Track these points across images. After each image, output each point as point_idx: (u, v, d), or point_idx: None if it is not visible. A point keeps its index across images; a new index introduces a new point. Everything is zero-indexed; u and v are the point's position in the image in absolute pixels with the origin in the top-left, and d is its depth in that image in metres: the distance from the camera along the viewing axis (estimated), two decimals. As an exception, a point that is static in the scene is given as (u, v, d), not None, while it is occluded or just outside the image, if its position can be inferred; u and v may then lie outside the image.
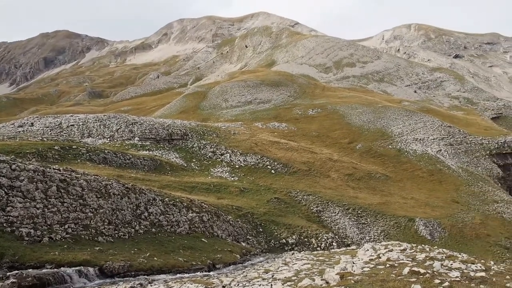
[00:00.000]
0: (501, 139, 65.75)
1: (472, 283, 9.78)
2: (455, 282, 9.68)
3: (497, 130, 74.99)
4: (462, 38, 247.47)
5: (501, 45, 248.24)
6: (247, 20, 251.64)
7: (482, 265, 12.57)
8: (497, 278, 10.55)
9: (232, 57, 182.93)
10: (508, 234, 40.34)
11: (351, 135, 63.36)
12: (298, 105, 78.73)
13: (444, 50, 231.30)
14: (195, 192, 32.65)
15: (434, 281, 9.68)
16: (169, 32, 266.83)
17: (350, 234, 34.71)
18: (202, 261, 19.25)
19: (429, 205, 43.09)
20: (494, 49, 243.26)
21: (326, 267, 14.55)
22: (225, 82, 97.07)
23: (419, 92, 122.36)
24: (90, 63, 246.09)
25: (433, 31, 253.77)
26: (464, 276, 10.52)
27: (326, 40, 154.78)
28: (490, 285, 9.70)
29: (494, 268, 12.35)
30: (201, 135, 48.30)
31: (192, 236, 22.98)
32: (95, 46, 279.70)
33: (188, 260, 18.70)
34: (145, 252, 17.97)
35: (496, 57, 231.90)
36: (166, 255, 18.55)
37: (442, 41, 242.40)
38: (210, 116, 77.53)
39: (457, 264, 12.26)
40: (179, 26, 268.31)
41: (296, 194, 37.90)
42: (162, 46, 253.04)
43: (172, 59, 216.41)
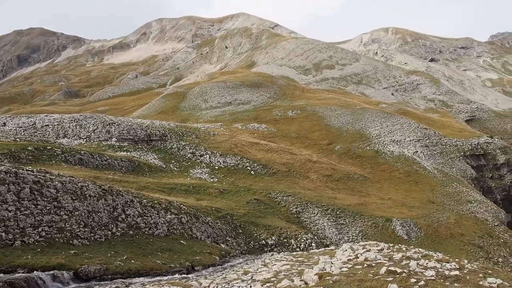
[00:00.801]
0: (475, 141, 67.76)
1: (446, 282, 9.98)
2: (430, 281, 9.87)
3: (471, 132, 77.23)
4: (437, 42, 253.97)
5: (475, 49, 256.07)
6: (227, 21, 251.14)
7: (456, 263, 12.87)
8: (471, 276, 10.82)
9: (212, 57, 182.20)
10: (481, 233, 41.58)
11: (330, 137, 64.03)
12: (278, 107, 79.05)
13: (420, 53, 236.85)
14: (174, 193, 32.29)
15: (410, 280, 9.84)
16: (148, 31, 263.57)
17: (329, 234, 35.03)
18: (181, 263, 19.02)
19: (405, 206, 43.95)
20: (468, 54, 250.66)
21: (305, 268, 14.60)
22: (205, 82, 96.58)
23: (396, 94, 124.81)
24: (66, 62, 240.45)
25: (410, 35, 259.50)
26: (439, 275, 10.74)
27: (305, 42, 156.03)
28: (463, 283, 9.93)
29: (468, 267, 12.66)
30: (180, 136, 47.86)
31: (171, 238, 22.69)
32: (71, 44, 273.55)
33: (166, 262, 18.44)
34: (122, 255, 17.62)
35: (470, 61, 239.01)
36: (144, 258, 18.25)
37: (418, 45, 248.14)
38: (190, 117, 76.95)
39: (433, 263, 12.51)
40: (158, 26, 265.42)
41: (275, 195, 37.99)
42: (141, 46, 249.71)
43: (151, 59, 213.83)
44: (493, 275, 11.56)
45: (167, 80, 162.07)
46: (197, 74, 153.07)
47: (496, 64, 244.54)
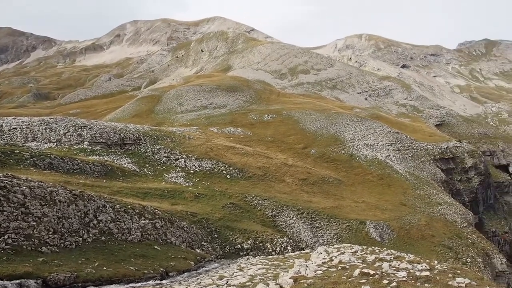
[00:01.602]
0: (444, 145, 69.96)
1: (417, 283, 10.21)
2: (402, 282, 10.06)
3: (441, 136, 79.68)
4: (409, 49, 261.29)
5: (444, 56, 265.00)
6: (203, 24, 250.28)
7: (427, 264, 13.20)
8: (440, 277, 11.11)
9: (187, 61, 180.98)
10: (450, 234, 42.86)
11: (306, 141, 64.64)
12: (254, 111, 79.23)
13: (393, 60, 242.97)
14: (148, 198, 31.75)
15: (383, 282, 10.01)
16: (122, 33, 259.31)
17: (304, 238, 35.26)
18: (155, 269, 18.70)
19: (379, 208, 44.80)
20: (438, 60, 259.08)
21: (281, 271, 14.63)
22: (180, 86, 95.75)
23: (369, 99, 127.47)
24: (36, 63, 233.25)
25: (383, 41, 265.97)
26: (410, 275, 10.98)
27: (281, 47, 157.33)
28: (433, 283, 10.18)
29: (438, 267, 13.00)
30: (155, 140, 47.19)
31: (145, 243, 22.28)
32: (42, 45, 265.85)
33: (139, 268, 18.08)
34: (93, 261, 17.16)
35: (440, 68, 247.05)
36: (117, 264, 17.83)
37: (391, 51, 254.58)
38: (165, 120, 76.04)
39: (404, 265, 12.78)
40: (133, 28, 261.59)
41: (251, 199, 37.96)
42: (115, 48, 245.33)
43: (125, 61, 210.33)
44: (462, 275, 11.92)
45: (141, 83, 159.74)
46: (173, 77, 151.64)
47: (464, 71, 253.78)
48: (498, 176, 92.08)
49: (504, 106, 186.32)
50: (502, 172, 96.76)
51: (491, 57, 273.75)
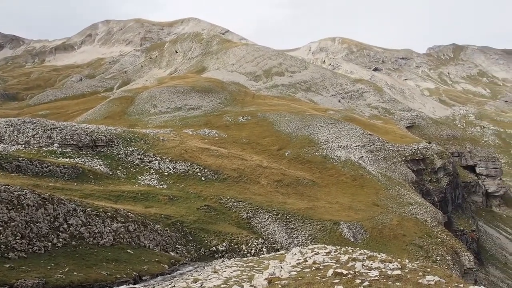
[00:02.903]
0: (415, 146, 71.93)
1: (389, 281, 10.44)
2: (374, 281, 10.26)
3: (411, 138, 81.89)
4: (380, 53, 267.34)
5: (414, 60, 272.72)
6: (177, 25, 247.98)
7: (398, 263, 13.52)
8: (411, 275, 11.40)
9: (161, 62, 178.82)
10: (421, 233, 44.05)
11: (280, 142, 65.02)
12: (229, 112, 79.07)
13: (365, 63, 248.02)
14: (121, 201, 31.13)
15: (356, 281, 10.18)
16: (93, 33, 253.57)
17: (279, 239, 35.44)
18: (128, 273, 18.34)
19: (352, 209, 45.55)
20: (408, 64, 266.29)
21: (255, 273, 14.64)
22: (154, 87, 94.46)
23: (343, 101, 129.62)
24: (3, 62, 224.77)
25: (355, 45, 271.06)
26: (382, 275, 11.21)
27: (256, 49, 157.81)
28: (404, 282, 10.44)
29: (409, 266, 13.34)
30: (128, 142, 46.33)
31: (117, 247, 21.82)
32: (9, 44, 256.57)
33: (112, 273, 17.70)
34: (63, 267, 16.66)
35: (410, 71, 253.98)
36: (88, 269, 17.38)
37: (363, 55, 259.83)
38: (138, 122, 74.82)
39: (377, 264, 13.04)
40: (105, 28, 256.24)
41: (226, 201, 37.83)
42: (86, 48, 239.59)
43: (97, 62, 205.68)
44: (432, 273, 12.27)
45: (114, 83, 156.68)
46: (146, 79, 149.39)
47: (433, 74, 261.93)
48: (466, 177, 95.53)
49: (471, 108, 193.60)
50: (470, 173, 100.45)
51: (458, 61, 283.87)
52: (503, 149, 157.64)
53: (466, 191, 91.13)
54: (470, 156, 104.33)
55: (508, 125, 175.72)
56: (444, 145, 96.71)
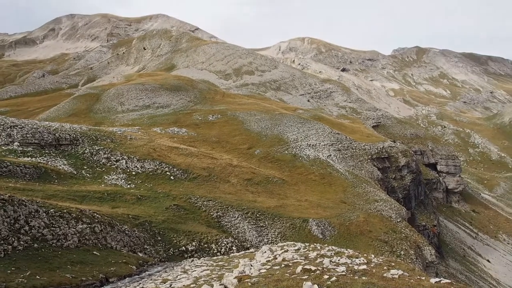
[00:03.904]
0: (380, 145, 74.00)
1: (355, 276, 10.73)
2: (341, 276, 10.52)
3: (377, 137, 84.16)
4: (348, 54, 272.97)
5: (380, 61, 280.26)
6: (145, 22, 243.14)
7: (364, 258, 13.91)
8: (377, 270, 11.76)
9: (129, 58, 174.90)
10: (386, 229, 45.41)
11: (250, 141, 65.18)
12: (198, 111, 78.46)
13: (333, 63, 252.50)
14: (86, 201, 30.26)
15: (324, 277, 10.40)
16: (57, 27, 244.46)
17: (249, 237, 35.56)
18: (94, 275, 17.87)
19: (320, 206, 46.34)
20: (374, 65, 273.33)
21: (225, 272, 14.65)
22: (121, 84, 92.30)
23: (312, 101, 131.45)
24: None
25: (324, 45, 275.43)
26: (349, 270, 11.50)
27: (226, 47, 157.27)
28: (370, 276, 10.76)
29: (374, 261, 13.75)
30: (94, 140, 45.06)
31: (82, 249, 21.21)
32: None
33: (77, 276, 17.19)
34: (25, 271, 16.03)
35: (376, 72, 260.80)
36: (51, 273, 16.80)
37: (331, 55, 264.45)
38: (104, 120, 72.91)
39: (344, 260, 13.37)
40: (69, 22, 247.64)
41: (196, 200, 37.56)
42: (49, 43, 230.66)
43: (60, 57, 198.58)
44: (396, 267, 12.70)
45: (79, 80, 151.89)
46: (113, 75, 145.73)
47: (398, 75, 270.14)
48: (428, 174, 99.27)
49: (433, 109, 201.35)
50: (431, 170, 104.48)
51: (421, 63, 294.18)
52: (462, 148, 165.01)
53: (428, 188, 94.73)
54: (431, 154, 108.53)
55: (466, 125, 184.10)
56: (407, 144, 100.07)
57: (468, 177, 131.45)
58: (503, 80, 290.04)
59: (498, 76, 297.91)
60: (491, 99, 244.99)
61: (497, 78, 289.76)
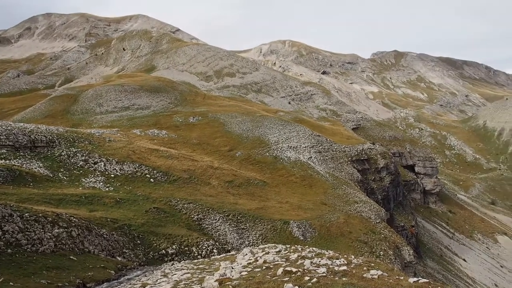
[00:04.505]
0: (360, 147, 74.99)
1: (336, 277, 10.79)
2: (322, 277, 10.56)
3: (357, 139, 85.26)
4: (328, 57, 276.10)
5: (359, 65, 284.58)
6: (125, 22, 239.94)
7: (344, 259, 14.02)
8: (356, 270, 11.87)
9: (108, 59, 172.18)
10: (366, 230, 45.98)
11: (231, 143, 65.03)
12: (179, 113, 77.80)
13: (314, 66, 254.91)
14: (63, 205, 29.53)
15: (304, 278, 10.42)
16: (33, 26, 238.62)
17: (231, 240, 35.41)
18: (70, 281, 17.41)
19: (301, 208, 46.57)
20: (354, 68, 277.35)
21: (206, 275, 14.51)
22: (100, 85, 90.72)
23: (292, 103, 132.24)
24: None
25: (305, 48, 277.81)
26: (329, 271, 11.57)
27: (207, 49, 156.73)
28: (350, 277, 10.84)
29: (354, 262, 13.88)
30: (71, 142, 44.08)
31: (59, 254, 20.65)
32: None
33: (53, 281, 16.71)
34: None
35: (356, 75, 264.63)
36: (26, 279, 16.29)
37: (312, 58, 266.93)
38: (82, 121, 71.47)
39: (324, 261, 13.44)
40: (46, 21, 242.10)
41: (176, 203, 37.18)
42: (25, 42, 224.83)
43: (36, 57, 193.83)
44: (375, 267, 12.85)
45: (55, 81, 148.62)
46: (91, 76, 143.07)
47: (377, 79, 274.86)
48: (406, 176, 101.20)
49: (411, 112, 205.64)
50: (409, 172, 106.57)
51: (399, 67, 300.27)
52: (439, 150, 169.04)
53: (406, 189, 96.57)
54: (409, 156, 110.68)
55: (443, 127, 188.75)
56: (386, 146, 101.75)
57: (444, 179, 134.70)
58: (478, 84, 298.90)
59: (473, 80, 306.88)
60: (466, 102, 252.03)
61: (472, 82, 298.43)
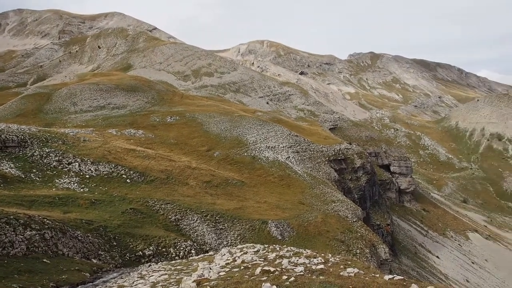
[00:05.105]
0: (337, 147, 75.98)
1: (313, 276, 10.91)
2: (299, 276, 10.66)
3: (334, 139, 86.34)
4: (306, 57, 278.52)
5: (336, 66, 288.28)
6: (100, 19, 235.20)
7: (322, 258, 14.19)
8: (334, 269, 12.04)
9: (82, 57, 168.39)
10: (343, 229, 46.64)
11: (209, 143, 64.72)
12: (156, 112, 76.85)
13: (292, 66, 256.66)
14: (35, 206, 28.71)
15: (282, 278, 10.49)
16: (3, 22, 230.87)
17: (209, 240, 35.26)
18: (43, 284, 16.96)
19: (279, 208, 46.81)
20: (331, 69, 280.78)
21: (184, 276, 14.40)
22: (74, 84, 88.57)
23: (270, 103, 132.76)
24: None
25: (283, 48, 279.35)
26: (307, 270, 11.69)
27: (185, 48, 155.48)
28: (327, 275, 10.98)
29: (332, 260, 14.07)
30: (44, 142, 42.89)
31: (31, 257, 20.08)
32: None
33: (24, 285, 16.23)
34: (-35, 282, 14.93)
35: (333, 76, 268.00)
36: (-4, 283, 15.77)
37: (290, 59, 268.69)
38: (56, 121, 69.61)
39: (302, 260, 13.56)
40: (17, 17, 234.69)
41: (153, 204, 36.73)
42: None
43: (7, 54, 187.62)
44: (352, 265, 13.06)
45: (27, 79, 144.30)
46: (65, 74, 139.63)
47: (353, 80, 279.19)
48: (382, 175, 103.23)
49: (386, 112, 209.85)
50: (385, 171, 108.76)
51: (375, 68, 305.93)
52: (413, 150, 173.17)
53: (382, 188, 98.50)
54: (385, 156, 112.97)
55: (417, 127, 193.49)
56: (363, 146, 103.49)
57: (419, 178, 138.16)
58: (450, 86, 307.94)
59: (446, 82, 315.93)
60: (439, 103, 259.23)
61: (445, 84, 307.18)
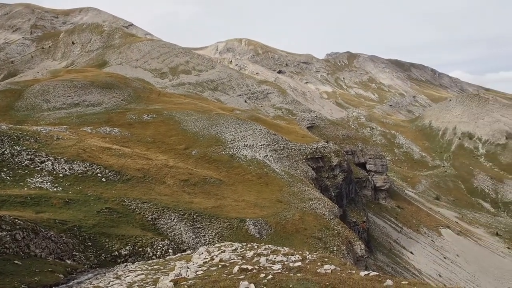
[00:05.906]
0: (314, 145, 76.77)
1: (291, 273, 11.01)
2: (277, 274, 10.74)
3: (312, 137, 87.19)
4: (284, 56, 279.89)
5: (314, 65, 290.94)
6: (74, 14, 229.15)
7: (299, 255, 14.34)
8: (311, 266, 12.18)
9: (56, 53, 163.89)
10: (320, 226, 47.20)
11: (187, 141, 64.21)
12: (132, 110, 75.64)
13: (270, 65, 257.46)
14: (6, 207, 27.81)
15: (260, 275, 10.54)
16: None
17: (186, 239, 35.02)
18: (15, 286, 16.45)
19: (257, 206, 46.94)
20: (309, 68, 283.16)
21: (161, 276, 14.27)
22: (47, 80, 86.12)
23: (249, 102, 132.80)
24: None
25: (261, 47, 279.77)
26: (285, 267, 11.78)
27: (162, 45, 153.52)
28: (304, 272, 11.11)
29: (309, 257, 14.23)
30: (15, 140, 41.53)
31: (1, 259, 19.43)
32: None
33: (-6, 288, 15.72)
34: None
35: (311, 75, 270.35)
36: (-37, 286, 15.20)
37: (268, 57, 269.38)
38: (27, 118, 67.54)
39: (280, 257, 13.67)
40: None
41: (130, 203, 36.17)
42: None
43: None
44: (329, 262, 13.26)
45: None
46: (37, 70, 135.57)
47: (331, 79, 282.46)
48: (358, 173, 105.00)
49: (363, 111, 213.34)
50: (361, 169, 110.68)
51: (352, 68, 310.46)
52: (388, 148, 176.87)
53: (358, 186, 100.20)
54: (361, 154, 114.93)
55: (392, 126, 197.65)
56: (340, 144, 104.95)
57: (393, 176, 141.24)
58: (424, 86, 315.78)
59: (419, 82, 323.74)
60: (413, 103, 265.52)
61: (418, 84, 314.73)
